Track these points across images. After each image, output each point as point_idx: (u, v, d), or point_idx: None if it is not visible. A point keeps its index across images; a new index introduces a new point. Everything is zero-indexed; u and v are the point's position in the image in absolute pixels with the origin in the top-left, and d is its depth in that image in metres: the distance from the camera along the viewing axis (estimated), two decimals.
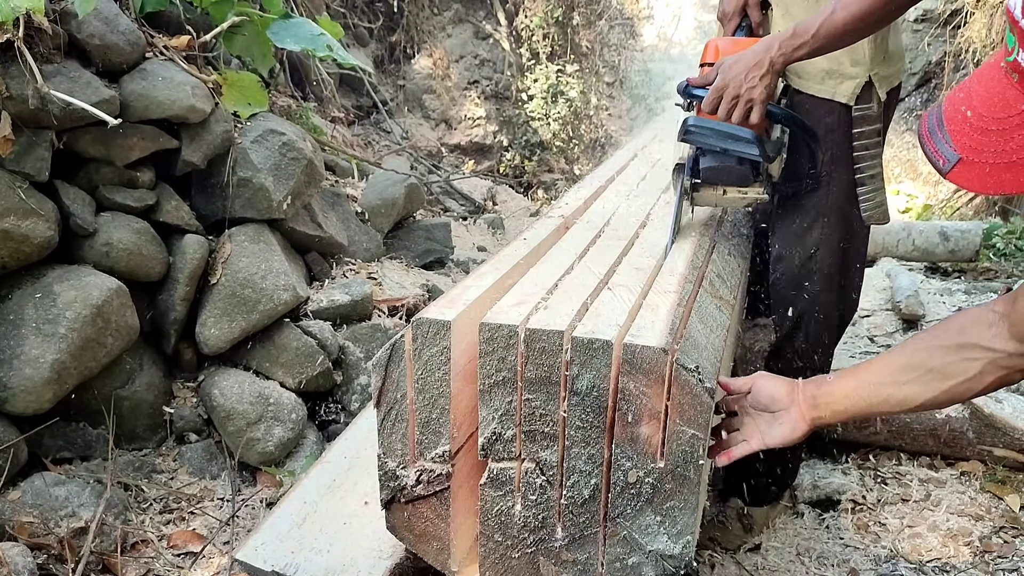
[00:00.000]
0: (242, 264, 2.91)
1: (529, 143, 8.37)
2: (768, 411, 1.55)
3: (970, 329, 1.39)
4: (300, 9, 4.45)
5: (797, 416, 1.52)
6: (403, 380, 1.51)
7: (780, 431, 1.53)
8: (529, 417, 1.45)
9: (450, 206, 5.84)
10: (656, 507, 1.45)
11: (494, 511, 1.55)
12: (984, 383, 1.38)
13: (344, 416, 3.06)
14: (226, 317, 2.85)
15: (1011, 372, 1.36)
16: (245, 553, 1.77)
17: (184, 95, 2.78)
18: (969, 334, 1.39)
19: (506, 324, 1.41)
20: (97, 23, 2.63)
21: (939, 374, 1.41)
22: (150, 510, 2.57)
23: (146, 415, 2.79)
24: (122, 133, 2.66)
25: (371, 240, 3.94)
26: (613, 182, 2.68)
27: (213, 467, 2.79)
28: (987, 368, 1.37)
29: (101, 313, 2.51)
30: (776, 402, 1.54)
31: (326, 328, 3.08)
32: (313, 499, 1.92)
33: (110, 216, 2.71)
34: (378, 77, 7.19)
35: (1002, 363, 1.35)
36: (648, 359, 1.37)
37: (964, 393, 1.40)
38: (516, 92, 8.38)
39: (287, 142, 3.14)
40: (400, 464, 1.58)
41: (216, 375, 2.90)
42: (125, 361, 2.73)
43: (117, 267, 2.67)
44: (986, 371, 1.37)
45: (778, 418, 1.54)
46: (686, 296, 1.65)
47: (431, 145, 7.55)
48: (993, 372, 1.36)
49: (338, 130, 5.30)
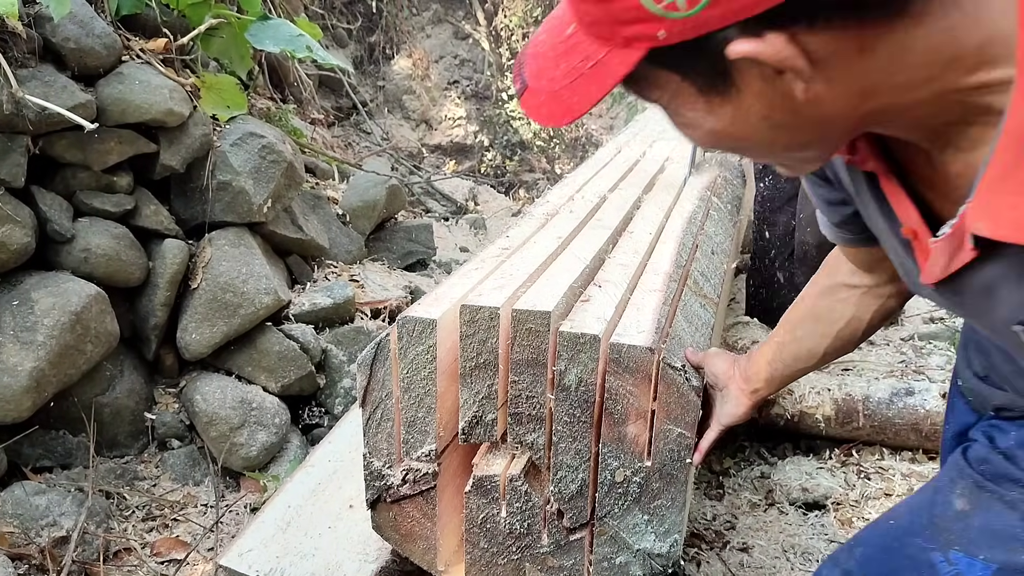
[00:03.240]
0: (223, 268, 2.89)
1: (510, 143, 8.37)
2: (717, 389, 1.53)
3: (835, 269, 1.39)
4: (278, 11, 4.42)
5: (737, 392, 1.49)
6: (388, 379, 1.51)
7: (728, 409, 1.51)
8: (515, 399, 1.45)
9: (432, 207, 5.83)
10: (644, 506, 1.45)
11: (479, 518, 1.54)
12: (867, 319, 1.36)
13: (328, 420, 3.05)
14: (207, 322, 2.83)
15: (884, 300, 1.34)
16: (230, 559, 1.75)
17: (162, 99, 2.76)
18: (835, 274, 1.38)
19: (487, 306, 1.40)
20: (72, 27, 2.61)
21: (825, 320, 1.39)
22: (133, 517, 2.54)
23: (127, 422, 2.76)
24: (99, 137, 2.64)
25: (352, 242, 3.92)
26: (597, 175, 2.68)
27: (196, 473, 2.77)
28: (860, 303, 1.35)
29: (80, 320, 2.49)
30: (719, 378, 1.51)
31: (308, 331, 3.07)
32: (298, 503, 1.91)
33: (88, 221, 2.68)
34: (358, 78, 7.16)
35: (870, 296, 1.34)
36: (635, 358, 1.37)
37: (854, 332, 1.38)
38: (496, 92, 8.38)
39: (267, 145, 3.12)
40: (386, 463, 1.57)
41: (198, 380, 2.87)
42: (105, 368, 2.70)
43: (96, 273, 2.64)
44: (860, 306, 1.35)
45: (725, 396, 1.52)
46: (671, 295, 1.65)
47: (412, 146, 7.53)
48: (868, 305, 1.35)
49: (318, 132, 5.27)
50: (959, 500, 1.11)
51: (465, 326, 1.42)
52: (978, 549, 1.06)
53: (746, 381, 1.48)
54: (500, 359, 1.43)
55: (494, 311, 1.40)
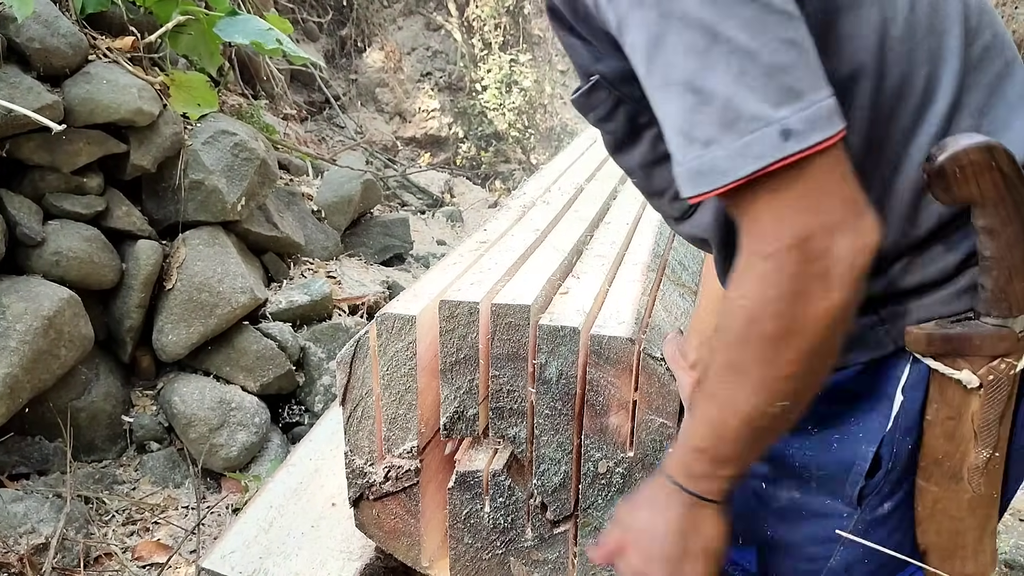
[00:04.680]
0: (198, 268, 2.86)
1: (485, 134, 8.35)
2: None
3: None
4: (247, 6, 4.37)
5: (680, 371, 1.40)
6: (368, 376, 1.50)
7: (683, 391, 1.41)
8: (496, 394, 1.45)
9: (407, 200, 5.81)
10: (627, 497, 1.45)
11: (463, 514, 1.54)
12: None
13: (308, 418, 3.03)
14: (183, 322, 2.80)
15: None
16: (212, 561, 1.74)
17: (130, 98, 2.72)
18: None
19: (466, 301, 1.40)
20: (36, 27, 2.56)
21: None
22: (112, 522, 2.52)
23: (105, 425, 2.73)
24: (67, 139, 2.60)
25: (328, 238, 3.90)
26: (573, 166, 2.68)
27: (176, 475, 2.75)
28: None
29: (53, 324, 2.45)
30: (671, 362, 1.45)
31: (286, 330, 3.05)
32: (280, 503, 1.89)
33: (59, 224, 2.64)
34: (329, 72, 7.11)
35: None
36: (615, 349, 1.37)
37: None
38: (470, 83, 8.34)
39: (239, 142, 3.09)
40: (368, 461, 1.56)
41: (176, 382, 2.85)
42: (80, 372, 2.67)
43: (68, 276, 2.61)
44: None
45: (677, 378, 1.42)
46: (650, 284, 1.65)
47: (386, 139, 7.48)
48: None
49: (291, 127, 5.23)
50: None
51: (444, 322, 1.42)
52: None
53: (684, 356, 1.41)
54: (480, 354, 1.42)
55: (473, 306, 1.39)
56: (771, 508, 1.04)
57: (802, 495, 1.01)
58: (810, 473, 0.99)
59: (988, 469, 0.95)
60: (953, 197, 0.84)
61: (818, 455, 0.98)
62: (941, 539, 1.00)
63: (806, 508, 1.01)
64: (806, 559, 1.03)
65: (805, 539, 1.02)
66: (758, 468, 1.02)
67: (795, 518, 1.02)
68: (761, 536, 1.06)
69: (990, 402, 0.92)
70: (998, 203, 0.84)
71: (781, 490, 1.02)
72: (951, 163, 0.82)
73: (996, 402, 0.92)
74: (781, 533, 1.04)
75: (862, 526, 0.98)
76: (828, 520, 0.99)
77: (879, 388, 0.95)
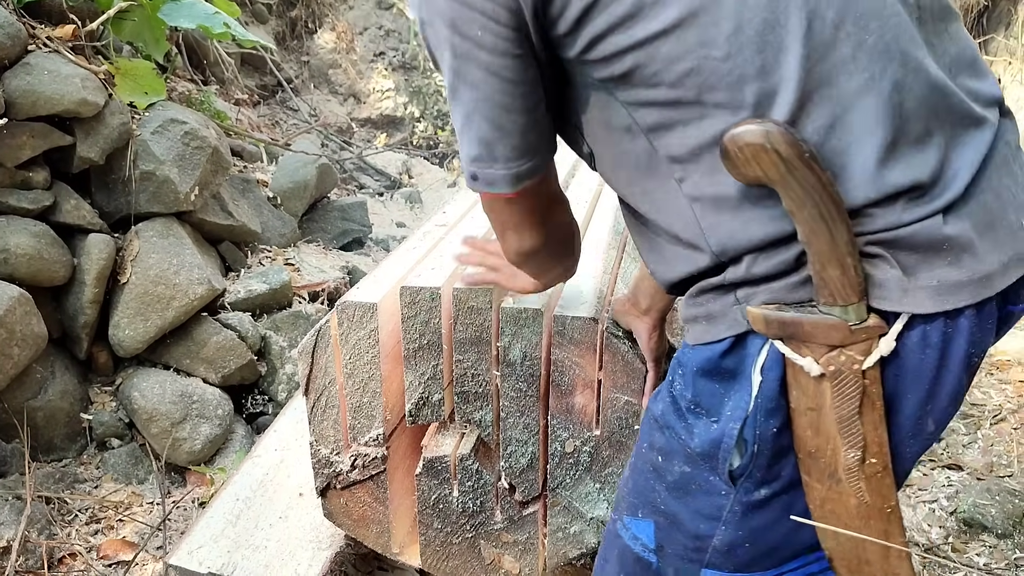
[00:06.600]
0: (152, 260, 2.81)
1: (441, 113, 8.28)
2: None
3: None
4: None
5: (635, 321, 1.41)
6: (331, 366, 1.49)
7: (641, 344, 1.42)
8: (461, 378, 1.44)
9: (365, 183, 5.75)
10: (595, 475, 1.46)
11: (431, 499, 1.54)
12: None
13: (272, 407, 3.00)
14: (140, 316, 2.75)
15: None
16: (179, 557, 1.72)
17: (73, 88, 2.64)
18: None
19: (428, 286, 1.39)
20: None
21: None
22: (76, 522, 2.48)
23: (63, 424, 2.68)
24: (9, 133, 2.52)
25: (285, 225, 3.85)
26: None
27: (139, 471, 2.71)
28: None
29: (4, 323, 2.39)
30: (625, 319, 1.43)
31: (246, 319, 3.01)
32: (246, 495, 1.88)
33: (5, 220, 2.57)
34: (281, 54, 6.99)
35: None
36: (578, 329, 1.37)
37: None
38: (424, 61, 8.27)
39: (190, 131, 3.03)
40: (333, 450, 1.55)
41: (135, 377, 2.80)
42: (35, 370, 2.61)
43: (17, 274, 2.54)
44: None
45: (635, 332, 1.43)
46: (611, 263, 1.65)
47: (341, 121, 7.39)
48: None
49: (243, 112, 5.13)
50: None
51: (406, 308, 1.41)
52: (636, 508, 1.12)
53: (635, 305, 1.41)
54: (443, 339, 1.42)
55: (435, 291, 1.39)
56: (666, 481, 1.08)
57: (692, 469, 1.05)
58: (692, 447, 1.04)
59: (868, 476, 0.96)
60: (743, 176, 0.89)
61: (701, 430, 1.03)
62: (842, 548, 1.02)
63: (693, 482, 1.05)
64: (694, 536, 1.07)
65: (694, 514, 1.06)
66: (656, 441, 1.08)
67: (684, 492, 1.07)
68: (657, 509, 1.10)
69: (840, 396, 0.93)
70: (784, 185, 0.87)
71: (674, 464, 1.07)
72: (731, 143, 0.88)
73: (847, 397, 0.93)
74: (674, 508, 1.08)
75: (739, 507, 1.03)
76: (712, 498, 1.04)
77: (744, 367, 0.98)
